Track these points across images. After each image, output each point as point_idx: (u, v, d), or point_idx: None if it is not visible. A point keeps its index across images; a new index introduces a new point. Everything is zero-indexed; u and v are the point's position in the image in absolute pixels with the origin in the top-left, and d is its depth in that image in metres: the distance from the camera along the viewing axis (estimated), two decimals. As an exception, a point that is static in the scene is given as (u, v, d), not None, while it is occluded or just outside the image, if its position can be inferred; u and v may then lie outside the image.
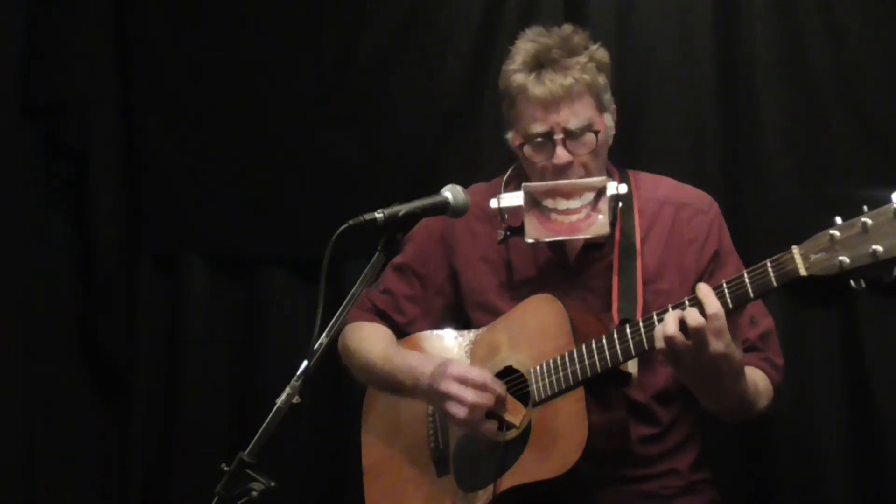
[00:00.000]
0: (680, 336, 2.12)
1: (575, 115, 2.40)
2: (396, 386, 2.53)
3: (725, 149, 3.04)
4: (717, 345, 2.12)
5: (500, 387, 2.36)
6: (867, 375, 2.95)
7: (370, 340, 2.63)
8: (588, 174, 2.44)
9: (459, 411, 2.35)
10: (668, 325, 2.13)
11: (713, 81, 3.03)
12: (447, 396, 2.36)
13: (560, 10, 3.10)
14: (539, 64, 2.42)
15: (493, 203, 2.45)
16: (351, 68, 3.29)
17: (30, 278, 3.39)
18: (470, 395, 2.34)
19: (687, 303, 2.15)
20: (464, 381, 2.35)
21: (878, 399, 2.93)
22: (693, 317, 2.11)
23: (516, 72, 2.44)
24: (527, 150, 2.44)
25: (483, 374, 2.37)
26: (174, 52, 3.41)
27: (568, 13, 3.08)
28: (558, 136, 2.40)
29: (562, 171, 2.42)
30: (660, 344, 2.15)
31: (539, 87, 2.40)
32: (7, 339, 3.33)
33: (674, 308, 2.16)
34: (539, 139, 2.42)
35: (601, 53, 2.48)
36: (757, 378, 2.38)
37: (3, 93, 3.35)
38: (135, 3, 3.43)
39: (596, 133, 2.43)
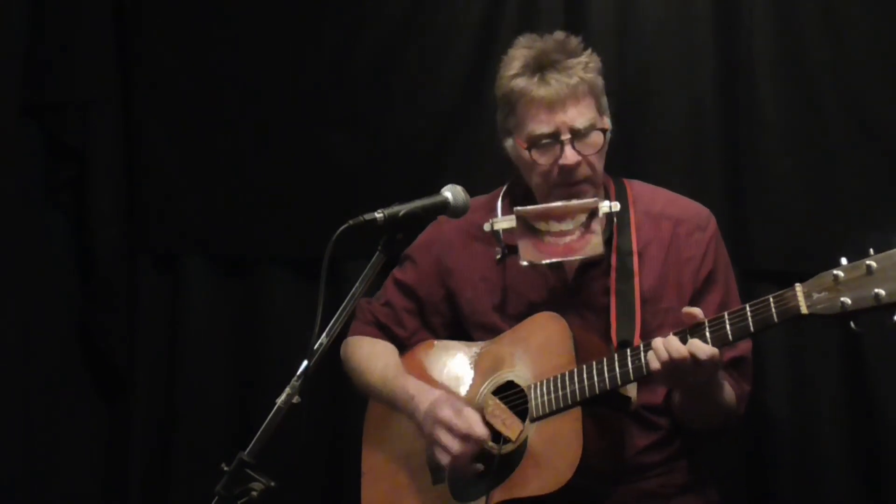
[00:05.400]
0: (669, 366, 2.18)
1: (581, 115, 2.40)
2: (394, 408, 2.57)
3: (725, 149, 3.04)
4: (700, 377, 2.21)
5: (483, 433, 2.36)
6: (867, 375, 2.95)
7: (370, 361, 2.63)
8: (594, 175, 2.44)
9: (443, 458, 2.40)
10: (660, 351, 2.19)
11: (713, 81, 3.03)
12: (434, 441, 2.41)
13: (560, 10, 3.10)
14: (540, 66, 2.40)
15: (487, 227, 2.45)
16: (351, 68, 3.29)
17: (30, 278, 3.39)
18: (455, 445, 2.37)
19: (688, 333, 2.19)
20: (450, 430, 2.38)
21: (878, 399, 2.94)
22: (676, 348, 2.18)
23: (516, 76, 2.43)
24: (533, 153, 2.42)
25: (468, 424, 2.37)
26: (174, 52, 3.40)
27: (568, 13, 3.08)
28: (565, 137, 2.39)
29: (570, 172, 2.41)
30: (654, 365, 2.20)
31: (544, 87, 2.38)
32: (7, 339, 3.33)
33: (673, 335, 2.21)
34: (545, 140, 2.41)
35: (596, 58, 2.47)
36: (726, 385, 2.39)
37: (3, 93, 3.34)
38: (135, 3, 3.43)
39: (603, 131, 2.42)
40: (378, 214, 2.09)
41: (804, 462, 3.00)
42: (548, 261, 2.43)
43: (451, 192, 2.23)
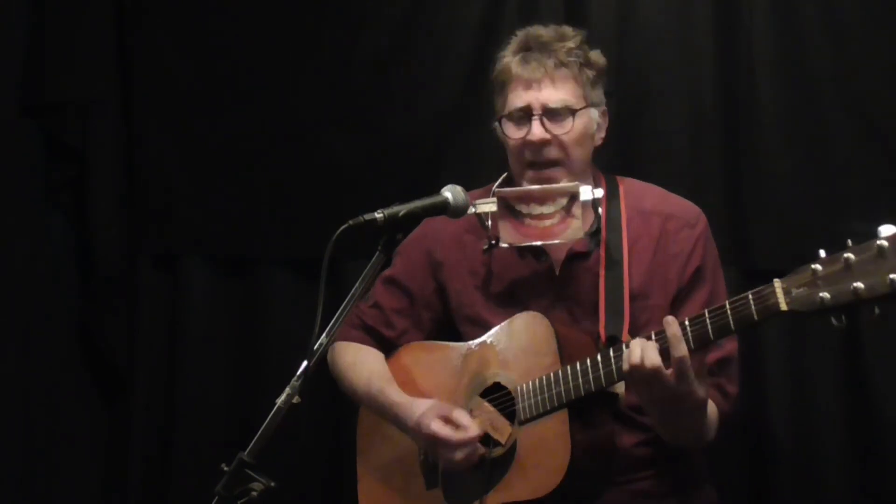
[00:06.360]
0: (642, 369, 2.15)
1: (556, 94, 2.42)
2: (382, 418, 2.57)
3: (725, 149, 3.03)
4: (681, 386, 2.15)
5: (476, 432, 2.37)
6: (867, 375, 2.95)
7: (355, 369, 2.63)
8: (568, 159, 2.44)
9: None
10: (634, 353, 2.17)
11: (713, 81, 3.04)
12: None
13: (560, 10, 3.10)
14: (527, 47, 2.46)
15: (470, 210, 2.41)
16: (351, 68, 3.29)
17: (30, 278, 3.39)
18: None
19: (654, 336, 2.17)
20: (444, 444, 2.38)
21: (878, 399, 2.94)
22: (650, 356, 2.14)
23: (505, 57, 2.49)
24: (507, 126, 2.46)
25: (460, 432, 2.37)
26: (174, 53, 3.40)
27: (568, 13, 3.08)
28: (536, 113, 2.42)
29: (536, 149, 2.42)
30: (626, 367, 2.18)
31: (523, 65, 2.44)
32: (7, 339, 3.33)
33: (646, 338, 2.18)
34: (518, 115, 2.44)
35: (595, 55, 2.49)
36: (711, 410, 2.37)
37: (3, 93, 3.34)
38: (135, 3, 3.43)
39: (573, 112, 2.42)
40: (378, 215, 2.10)
41: (804, 460, 3.00)
42: (528, 243, 2.43)
43: (450, 193, 2.23)
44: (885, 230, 1.91)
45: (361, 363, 2.63)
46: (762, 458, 3.02)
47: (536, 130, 2.41)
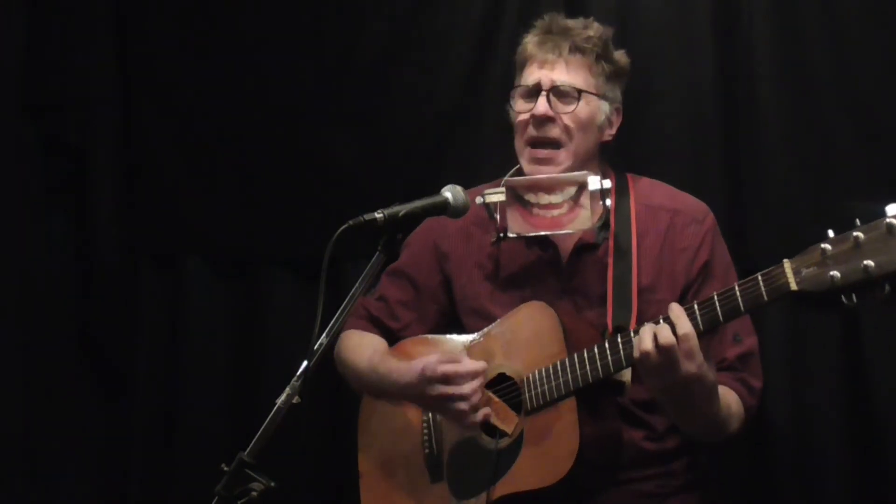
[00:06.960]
0: (654, 352, 2.15)
1: (566, 76, 2.47)
2: (384, 394, 2.55)
3: (725, 149, 3.04)
4: (688, 366, 2.15)
5: (480, 365, 2.35)
6: (867, 375, 2.95)
7: (358, 350, 2.63)
8: (569, 142, 2.46)
9: (458, 405, 2.35)
10: (644, 339, 2.16)
11: (713, 81, 3.04)
12: (439, 398, 2.37)
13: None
14: (548, 31, 2.52)
15: (479, 200, 2.44)
16: (351, 68, 3.29)
17: (30, 278, 3.39)
18: (463, 389, 2.33)
19: (661, 320, 2.18)
20: (446, 379, 2.35)
21: (878, 399, 2.94)
22: (664, 335, 2.14)
23: (527, 38, 2.55)
24: (516, 100, 2.51)
25: (461, 364, 2.35)
26: (174, 52, 3.41)
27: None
28: (545, 89, 2.46)
29: (539, 123, 2.45)
30: (636, 353, 2.18)
31: (540, 46, 2.50)
32: (7, 339, 3.33)
33: (652, 322, 2.18)
34: (528, 90, 2.49)
35: (619, 54, 2.55)
36: (730, 400, 2.38)
37: (3, 93, 3.35)
38: (135, 3, 3.43)
39: (579, 94, 2.44)
40: (378, 215, 2.10)
41: (804, 460, 3.00)
42: (535, 233, 2.44)
43: (451, 193, 2.23)
44: (893, 209, 1.93)
45: (365, 344, 2.63)
46: (762, 458, 3.02)
47: (541, 105, 2.45)
